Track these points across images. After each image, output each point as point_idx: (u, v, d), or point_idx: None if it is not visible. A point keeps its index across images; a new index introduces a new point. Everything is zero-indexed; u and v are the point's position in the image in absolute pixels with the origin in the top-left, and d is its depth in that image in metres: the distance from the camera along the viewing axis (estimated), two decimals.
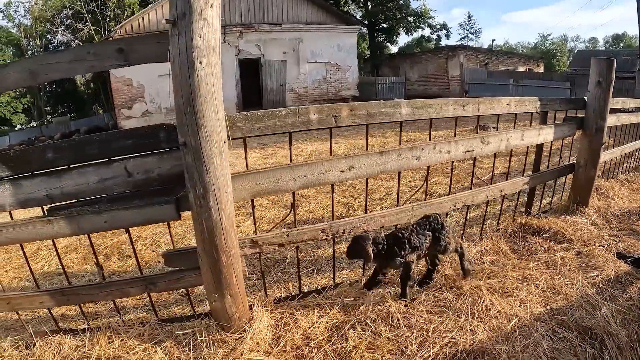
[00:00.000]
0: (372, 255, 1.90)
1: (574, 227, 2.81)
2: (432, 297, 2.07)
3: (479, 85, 18.80)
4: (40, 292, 2.01)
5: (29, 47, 24.55)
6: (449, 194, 2.30)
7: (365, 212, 2.04)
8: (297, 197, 4.34)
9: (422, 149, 2.00)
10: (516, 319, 1.95)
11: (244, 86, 17.42)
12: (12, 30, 26.27)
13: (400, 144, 2.01)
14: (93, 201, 1.82)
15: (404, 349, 1.78)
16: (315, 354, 1.77)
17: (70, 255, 3.15)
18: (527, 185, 2.69)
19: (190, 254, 1.78)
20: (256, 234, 1.84)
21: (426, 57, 23.46)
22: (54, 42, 24.85)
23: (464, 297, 2.06)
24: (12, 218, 1.92)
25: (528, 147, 2.72)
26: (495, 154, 2.48)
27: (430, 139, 2.12)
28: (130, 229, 1.91)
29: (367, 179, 2.00)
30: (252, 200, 1.79)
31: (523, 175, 2.68)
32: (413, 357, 1.72)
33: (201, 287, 2.30)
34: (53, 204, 1.84)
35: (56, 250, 1.96)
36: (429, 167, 2.16)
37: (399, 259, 1.94)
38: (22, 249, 2.00)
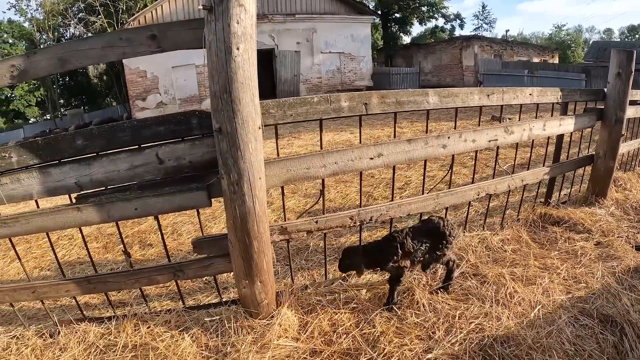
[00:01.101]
0: (364, 270, 1.96)
1: (593, 218, 2.90)
2: (457, 284, 2.16)
3: (493, 75, 18.82)
4: (66, 281, 2.07)
5: (41, 41, 25.21)
6: (472, 183, 2.38)
7: (392, 200, 2.11)
8: (318, 187, 4.45)
9: (449, 138, 2.07)
10: (540, 306, 2.03)
11: (258, 76, 17.63)
12: (24, 25, 27.05)
13: (427, 132, 2.08)
14: (123, 188, 1.89)
15: (431, 334, 1.86)
16: (344, 339, 1.85)
17: (91, 244, 3.21)
18: (547, 175, 2.77)
19: (220, 241, 1.85)
20: (285, 220, 1.92)
21: (440, 48, 23.55)
22: (66, 35, 25.40)
23: (488, 284, 2.15)
24: (38, 206, 1.98)
25: (549, 137, 2.81)
26: (517, 144, 2.56)
27: (455, 128, 2.20)
28: (151, 217, 1.98)
29: (394, 167, 2.07)
30: (282, 187, 1.86)
31: (543, 166, 2.77)
32: (441, 342, 1.80)
33: (225, 274, 2.38)
34: (82, 192, 1.90)
35: (83, 238, 2.03)
36: (453, 155, 2.24)
37: (391, 263, 1.96)
38: (48, 238, 2.06)
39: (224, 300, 2.09)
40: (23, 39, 26.91)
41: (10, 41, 26.86)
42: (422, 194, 2.19)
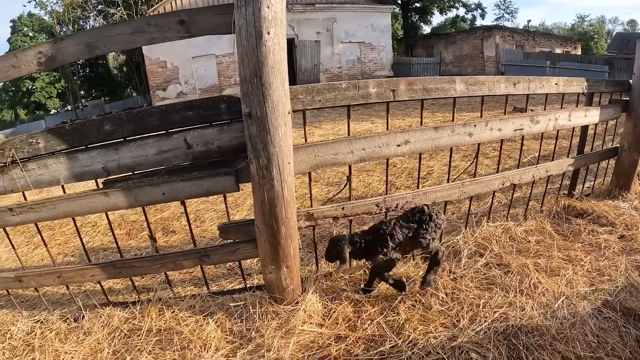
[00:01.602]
0: (347, 258, 1.94)
1: (617, 211, 2.90)
2: (481, 274, 2.18)
3: (515, 66, 18.65)
4: (91, 265, 2.13)
5: (61, 33, 26.36)
6: (497, 172, 2.40)
7: (418, 188, 2.14)
8: (340, 176, 4.52)
9: (475, 126, 2.09)
10: (563, 297, 2.05)
11: None
12: (44, 18, 28.06)
13: (453, 120, 2.10)
14: (150, 173, 1.94)
15: (455, 322, 1.89)
16: (368, 326, 1.89)
17: (115, 231, 3.29)
18: (571, 167, 2.78)
19: (247, 226, 1.90)
20: (311, 207, 1.96)
21: (461, 38, 23.43)
22: (86, 28, 26.35)
23: (511, 274, 2.18)
24: (64, 192, 2.04)
25: (573, 129, 2.82)
26: (542, 135, 2.56)
27: (481, 116, 2.22)
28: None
29: (420, 155, 2.10)
30: (310, 174, 1.89)
31: (568, 157, 2.78)
32: (465, 331, 1.83)
33: (248, 261, 2.43)
34: (109, 177, 1.95)
35: (109, 223, 2.08)
36: (479, 144, 2.26)
37: (380, 256, 1.94)
38: (74, 223, 2.12)
39: (248, 286, 2.14)
40: (43, 32, 27.92)
41: (31, 34, 27.98)
42: (447, 182, 2.22)
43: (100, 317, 2.15)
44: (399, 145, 1.91)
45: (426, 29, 33.67)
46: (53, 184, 1.97)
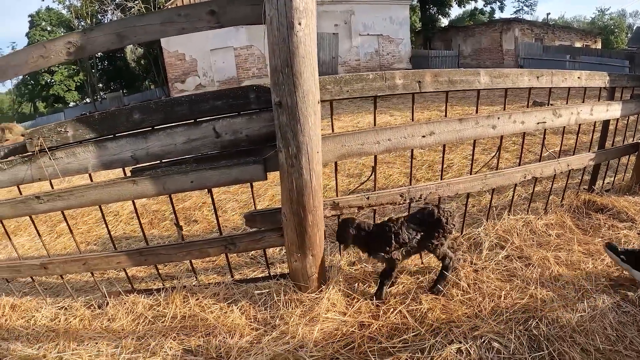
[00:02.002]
0: (349, 242, 1.98)
1: (637, 207, 2.93)
2: (502, 266, 2.24)
3: (534, 60, 18.67)
4: (117, 253, 2.21)
5: (79, 27, 26.71)
6: (519, 165, 2.45)
7: (441, 179, 2.20)
8: (360, 167, 4.59)
9: (499, 118, 2.14)
10: (583, 291, 2.10)
11: None
12: (62, 12, 29.00)
13: (477, 112, 2.15)
14: (178, 162, 2.01)
15: (477, 312, 1.95)
16: (391, 314, 1.95)
17: (136, 220, 3.39)
18: (592, 161, 2.82)
19: (273, 214, 1.96)
20: (337, 196, 2.02)
21: (480, 30, 23.46)
22: (104, 22, 26.69)
23: (532, 267, 2.23)
24: (91, 180, 2.11)
25: (595, 124, 2.85)
26: (563, 129, 2.60)
27: (504, 109, 2.26)
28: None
29: (444, 146, 2.15)
30: (335, 164, 1.96)
31: (589, 152, 2.82)
32: (487, 321, 1.88)
33: (270, 250, 2.50)
34: (137, 165, 2.02)
35: (136, 211, 2.16)
36: (502, 137, 2.31)
37: (381, 253, 1.95)
38: (101, 210, 2.20)
39: (272, 274, 2.21)
40: (61, 26, 28.75)
41: (49, 29, 28.77)
42: (470, 174, 2.27)
43: (125, 303, 2.23)
44: (424, 137, 1.97)
45: (444, 22, 33.80)
46: (81, 172, 2.04)
